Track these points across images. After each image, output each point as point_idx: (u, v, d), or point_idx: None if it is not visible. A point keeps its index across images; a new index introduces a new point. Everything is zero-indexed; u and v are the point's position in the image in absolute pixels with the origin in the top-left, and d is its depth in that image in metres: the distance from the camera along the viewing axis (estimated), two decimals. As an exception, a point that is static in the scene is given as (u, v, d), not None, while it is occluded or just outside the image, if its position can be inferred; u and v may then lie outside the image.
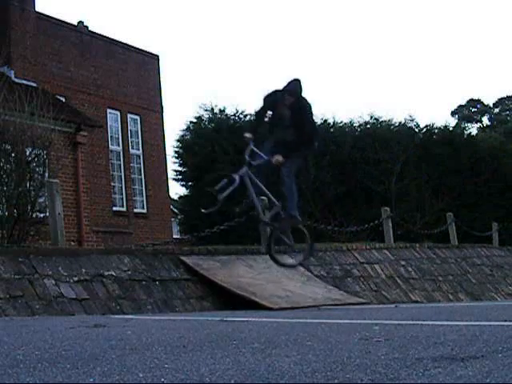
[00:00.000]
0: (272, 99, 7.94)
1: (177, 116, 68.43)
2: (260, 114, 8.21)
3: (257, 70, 79.15)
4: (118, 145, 18.53)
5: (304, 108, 7.92)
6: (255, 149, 7.82)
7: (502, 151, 20.44)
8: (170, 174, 20.13)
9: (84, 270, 6.92)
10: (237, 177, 7.60)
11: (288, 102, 7.77)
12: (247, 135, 7.83)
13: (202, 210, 7.91)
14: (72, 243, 12.89)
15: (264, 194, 7.99)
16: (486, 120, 48.46)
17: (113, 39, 19.23)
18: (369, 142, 18.67)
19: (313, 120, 8.48)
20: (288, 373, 2.23)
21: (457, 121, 42.75)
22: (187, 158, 19.30)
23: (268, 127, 8.18)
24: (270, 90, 8.05)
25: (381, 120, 20.10)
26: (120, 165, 18.44)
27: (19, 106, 9.19)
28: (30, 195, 8.45)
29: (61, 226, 7.54)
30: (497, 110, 48.67)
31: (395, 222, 13.11)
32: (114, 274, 7.12)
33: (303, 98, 7.98)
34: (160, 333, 3.76)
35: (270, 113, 7.98)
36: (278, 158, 7.60)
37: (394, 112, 54.62)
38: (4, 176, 8.45)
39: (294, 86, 7.83)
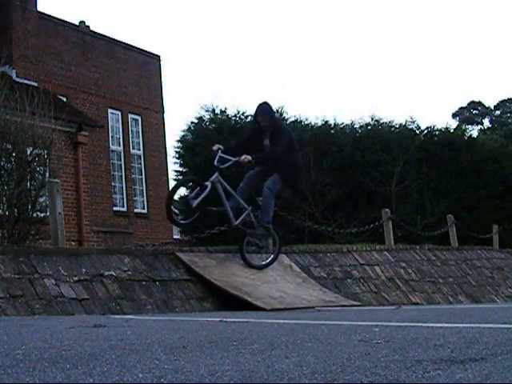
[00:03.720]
0: (250, 129, 8.69)
1: (178, 116, 68.43)
2: (241, 141, 9.01)
3: (258, 70, 79.18)
4: (119, 145, 18.55)
5: (280, 135, 8.55)
6: (224, 155, 8.32)
7: (503, 153, 20.42)
8: (171, 175, 20.12)
9: (84, 270, 6.93)
10: (208, 183, 8.03)
11: (262, 122, 8.55)
12: (216, 146, 8.47)
13: (181, 222, 8.24)
14: (72, 243, 12.90)
15: (235, 198, 8.42)
16: (486, 122, 48.48)
17: (114, 39, 19.25)
18: (369, 143, 18.66)
19: (284, 149, 8.53)
20: (288, 374, 2.23)
21: (458, 123, 42.75)
22: (188, 159, 19.29)
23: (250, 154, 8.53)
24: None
25: (382, 121, 20.07)
26: (121, 165, 18.45)
27: (20, 105, 9.20)
28: (30, 195, 8.45)
29: (61, 226, 7.55)
30: (498, 112, 48.67)
31: (395, 224, 13.10)
32: (114, 274, 7.12)
33: (279, 123, 8.99)
34: (160, 333, 3.76)
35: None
36: (247, 156, 8.05)
37: (395, 113, 54.70)
38: (5, 175, 8.45)
39: (262, 107, 8.63)
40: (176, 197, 24.07)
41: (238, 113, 19.30)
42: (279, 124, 9.01)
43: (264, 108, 8.67)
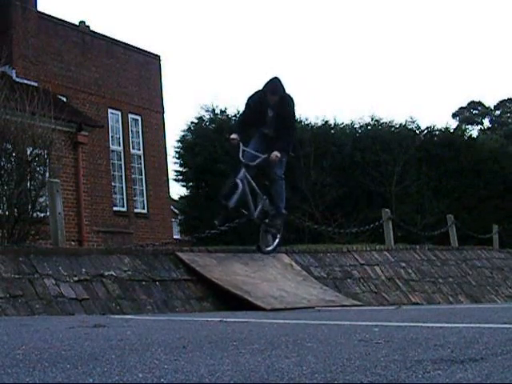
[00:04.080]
0: (255, 100, 8.28)
1: (178, 116, 68.50)
2: (244, 115, 8.67)
3: (258, 70, 79.18)
4: (119, 145, 18.54)
5: (288, 108, 8.36)
6: (246, 148, 8.18)
7: (503, 153, 20.42)
8: (171, 175, 20.15)
9: (84, 270, 6.92)
10: (239, 181, 7.92)
11: (272, 101, 8.16)
12: (234, 136, 8.14)
13: (215, 223, 8.12)
14: (72, 243, 12.90)
15: (254, 190, 8.35)
16: (486, 122, 48.50)
17: (114, 39, 19.24)
18: (369, 143, 18.66)
19: (294, 120, 8.83)
20: (288, 374, 2.23)
21: (458, 123, 42.75)
22: (188, 159, 19.29)
23: (253, 128, 8.65)
24: (253, 92, 8.44)
25: (382, 121, 20.08)
26: (121, 165, 18.45)
27: (20, 105, 9.20)
28: (30, 195, 8.45)
29: (61, 226, 7.54)
30: (498, 112, 48.70)
31: (395, 224, 13.10)
32: (114, 274, 7.12)
33: (286, 95, 8.38)
34: (160, 333, 3.76)
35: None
36: (277, 155, 7.94)
37: (395, 113, 54.73)
38: (5, 175, 8.46)
39: (275, 84, 8.19)
40: (176, 197, 23.89)
41: (238, 113, 19.30)
42: (287, 96, 8.40)
43: (277, 85, 8.17)
